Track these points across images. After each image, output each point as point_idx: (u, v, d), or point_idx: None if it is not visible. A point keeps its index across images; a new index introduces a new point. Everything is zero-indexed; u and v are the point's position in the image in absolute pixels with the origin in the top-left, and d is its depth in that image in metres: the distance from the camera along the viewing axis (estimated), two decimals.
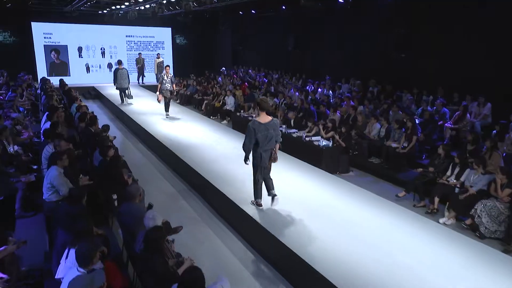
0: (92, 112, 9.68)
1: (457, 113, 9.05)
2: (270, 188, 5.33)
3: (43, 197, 5.21)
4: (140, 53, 20.03)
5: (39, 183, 5.90)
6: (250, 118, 11.16)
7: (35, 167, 6.90)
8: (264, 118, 5.09)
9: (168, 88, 11.30)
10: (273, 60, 18.58)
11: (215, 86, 15.04)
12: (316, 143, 8.51)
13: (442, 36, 10.56)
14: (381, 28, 12.39)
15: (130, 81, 13.81)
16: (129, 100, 14.15)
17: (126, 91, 13.86)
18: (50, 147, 6.14)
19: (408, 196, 6.92)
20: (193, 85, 17.21)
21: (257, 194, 5.37)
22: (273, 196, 5.28)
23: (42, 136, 7.22)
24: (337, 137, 8.54)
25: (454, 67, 10.16)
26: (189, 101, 16.77)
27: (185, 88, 17.62)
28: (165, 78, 11.29)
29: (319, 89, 13.37)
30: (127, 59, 21.18)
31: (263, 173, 5.24)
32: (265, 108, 5.11)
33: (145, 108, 13.33)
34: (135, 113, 12.41)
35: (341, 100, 11.40)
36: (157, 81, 20.80)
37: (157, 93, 11.35)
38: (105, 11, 19.48)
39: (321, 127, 9.10)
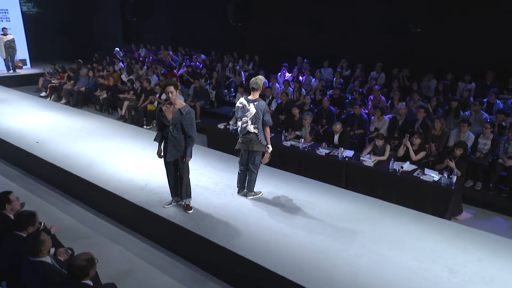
0: None
1: None
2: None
3: None
4: None
5: None
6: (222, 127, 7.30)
7: None
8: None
9: (256, 134, 4.51)
10: (197, 37, 13.91)
11: (143, 80, 9.90)
12: (424, 177, 5.29)
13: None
14: None
15: None
16: None
17: None
18: None
19: None
20: (88, 76, 11.52)
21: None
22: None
23: None
24: (451, 163, 5.48)
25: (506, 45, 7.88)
26: (85, 101, 11.24)
27: (70, 81, 11.73)
28: (248, 107, 4.45)
29: (301, 77, 9.92)
30: None
31: None
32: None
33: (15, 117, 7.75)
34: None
35: (360, 94, 8.25)
36: (8, 69, 13.76)
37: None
38: None
39: (408, 144, 5.89)
